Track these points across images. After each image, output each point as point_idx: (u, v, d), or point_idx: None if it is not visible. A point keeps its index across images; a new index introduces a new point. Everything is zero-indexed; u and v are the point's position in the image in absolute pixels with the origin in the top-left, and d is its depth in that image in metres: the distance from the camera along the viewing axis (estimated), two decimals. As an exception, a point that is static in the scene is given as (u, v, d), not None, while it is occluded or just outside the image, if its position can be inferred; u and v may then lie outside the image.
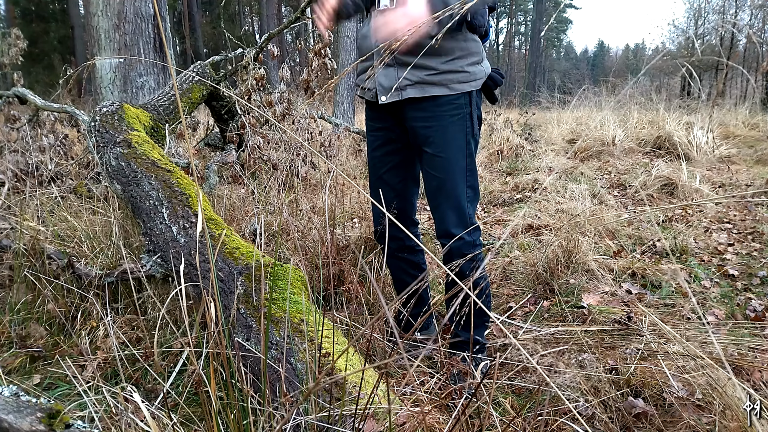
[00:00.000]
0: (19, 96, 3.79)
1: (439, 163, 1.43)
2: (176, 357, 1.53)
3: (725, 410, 1.15)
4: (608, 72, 26.55)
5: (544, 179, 4.30)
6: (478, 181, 1.50)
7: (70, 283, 1.73)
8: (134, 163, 1.87)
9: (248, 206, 2.61)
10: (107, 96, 3.35)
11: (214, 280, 0.88)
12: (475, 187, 1.49)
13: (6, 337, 1.63)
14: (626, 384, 1.40)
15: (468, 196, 1.46)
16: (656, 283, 2.27)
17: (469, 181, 1.46)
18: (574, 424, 1.01)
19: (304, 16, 3.13)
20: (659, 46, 24.17)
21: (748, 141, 6.63)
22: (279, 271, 1.42)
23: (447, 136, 1.41)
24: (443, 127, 1.41)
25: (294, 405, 0.89)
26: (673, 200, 3.84)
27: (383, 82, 1.41)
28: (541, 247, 2.49)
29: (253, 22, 30.38)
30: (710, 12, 19.68)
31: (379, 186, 1.59)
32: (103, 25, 3.30)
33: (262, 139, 3.01)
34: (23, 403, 0.67)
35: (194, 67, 2.98)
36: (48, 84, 11.65)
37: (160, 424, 0.95)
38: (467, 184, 1.46)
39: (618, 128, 6.24)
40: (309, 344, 1.14)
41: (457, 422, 0.83)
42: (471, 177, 1.46)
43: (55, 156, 3.47)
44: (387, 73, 1.39)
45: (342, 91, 7.84)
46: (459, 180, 1.44)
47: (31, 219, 2.08)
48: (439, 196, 1.46)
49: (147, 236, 1.69)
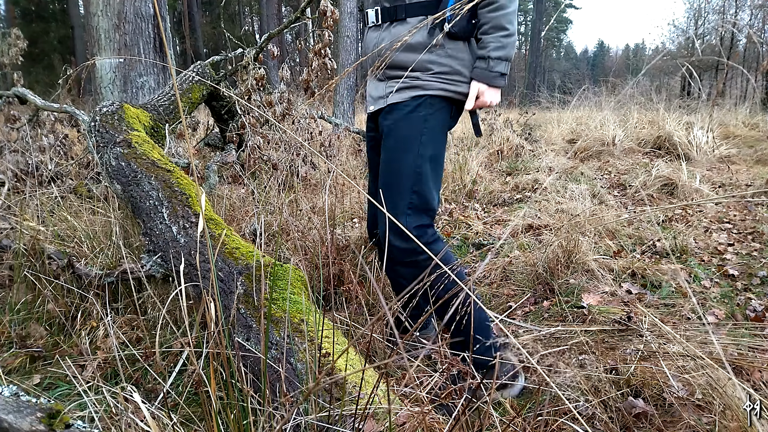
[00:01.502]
0: (19, 96, 3.79)
1: (384, 158, 1.45)
2: (176, 357, 1.53)
3: (725, 410, 1.15)
4: (608, 72, 26.57)
5: (544, 179, 4.30)
6: (429, 190, 1.42)
7: (70, 283, 1.73)
8: (134, 163, 1.87)
9: (248, 206, 2.61)
10: (107, 96, 3.35)
11: (214, 280, 0.88)
12: (422, 194, 1.41)
13: (6, 337, 1.63)
14: (626, 384, 1.40)
15: (411, 202, 1.40)
16: (656, 283, 2.27)
17: (415, 186, 1.40)
18: (574, 424, 1.01)
19: (304, 16, 3.13)
20: (659, 46, 24.18)
21: (748, 141, 6.63)
22: (279, 271, 1.42)
23: (399, 132, 1.42)
24: (396, 121, 1.43)
25: (294, 405, 0.89)
26: (673, 200, 3.84)
27: (372, 93, 1.53)
28: (541, 247, 2.49)
29: (253, 22, 30.39)
30: (710, 12, 19.69)
31: (372, 186, 1.64)
32: (103, 25, 3.30)
33: (262, 139, 3.01)
34: (23, 403, 0.67)
35: (194, 67, 2.98)
36: (48, 84, 11.66)
37: (160, 424, 0.95)
38: (413, 189, 1.40)
39: (618, 128, 6.24)
40: (309, 344, 1.14)
41: (457, 422, 0.83)
42: (418, 182, 1.41)
43: (55, 156, 3.47)
44: (377, 86, 1.51)
45: (342, 91, 7.84)
46: (402, 180, 1.41)
47: (31, 219, 2.08)
48: (383, 192, 1.43)
49: (147, 236, 1.69)
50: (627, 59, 45.41)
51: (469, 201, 3.97)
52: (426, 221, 1.44)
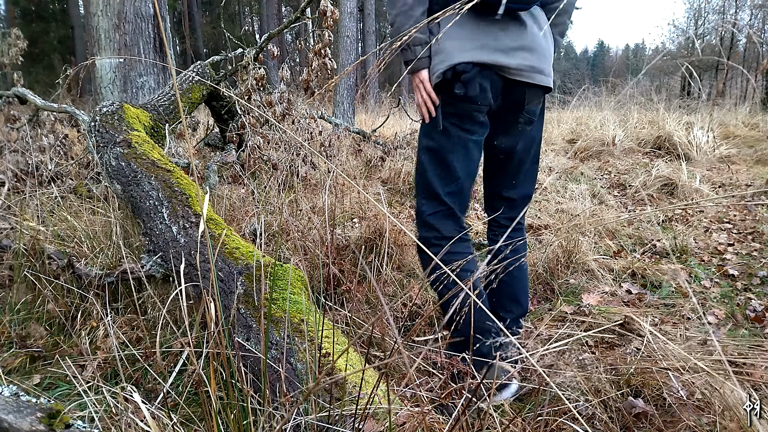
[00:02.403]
0: (19, 96, 3.79)
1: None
2: (176, 357, 1.53)
3: (725, 410, 1.15)
4: (608, 72, 26.54)
5: (544, 179, 4.30)
6: (429, 182, 1.42)
7: (70, 283, 1.73)
8: (134, 163, 1.87)
9: (248, 206, 2.61)
10: (107, 96, 3.35)
11: (214, 280, 0.88)
12: (425, 186, 1.42)
13: (6, 337, 1.63)
14: (626, 384, 1.40)
15: (422, 193, 1.45)
16: (656, 283, 2.27)
17: (420, 180, 1.45)
18: (574, 424, 1.01)
19: (304, 16, 3.13)
20: (659, 46, 24.17)
21: (748, 141, 6.62)
22: (279, 271, 1.42)
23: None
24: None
25: (294, 405, 0.89)
26: (673, 200, 3.84)
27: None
28: (541, 247, 2.49)
29: (253, 22, 30.38)
30: (710, 12, 19.68)
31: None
32: (103, 25, 3.30)
33: (262, 139, 3.01)
34: (23, 403, 0.67)
35: (194, 67, 2.98)
36: (48, 84, 11.66)
37: (160, 424, 0.95)
38: (420, 182, 1.45)
39: (618, 128, 6.23)
40: (309, 344, 1.14)
41: (457, 422, 0.83)
42: (419, 176, 1.44)
43: (55, 156, 3.47)
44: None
45: (342, 91, 7.84)
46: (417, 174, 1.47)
47: (31, 219, 2.08)
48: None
49: (147, 236, 1.69)
50: (627, 59, 45.42)
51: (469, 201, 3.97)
52: None
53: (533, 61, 1.34)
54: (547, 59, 1.39)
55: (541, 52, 1.37)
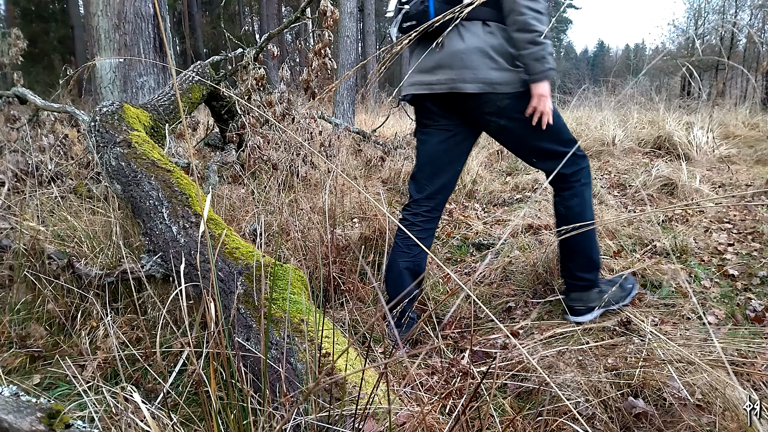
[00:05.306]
0: (19, 96, 3.79)
1: None
2: (176, 357, 1.53)
3: (725, 411, 1.15)
4: (608, 72, 26.55)
5: (544, 179, 4.29)
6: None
7: (70, 283, 1.73)
8: (134, 163, 1.87)
9: (248, 206, 2.61)
10: (107, 96, 3.35)
11: (214, 280, 0.88)
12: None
13: (6, 337, 1.62)
14: (626, 384, 1.40)
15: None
16: (656, 283, 2.27)
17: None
18: (574, 424, 1.01)
19: (304, 16, 3.13)
20: (659, 46, 24.16)
21: (748, 141, 6.62)
22: (279, 271, 1.42)
23: None
24: None
25: (294, 405, 0.89)
26: (673, 200, 3.84)
27: None
28: (541, 247, 2.49)
29: (253, 22, 30.37)
30: (710, 12, 19.67)
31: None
32: (103, 25, 3.30)
33: (262, 139, 3.01)
34: (23, 403, 0.67)
35: (194, 67, 2.98)
36: (48, 84, 11.64)
37: (160, 424, 0.95)
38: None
39: (618, 128, 6.23)
40: (309, 344, 1.14)
41: (457, 422, 0.83)
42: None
43: (55, 156, 3.47)
44: None
45: (342, 91, 7.84)
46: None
47: (31, 219, 2.08)
48: None
49: (147, 236, 1.69)
50: (627, 59, 45.38)
51: (469, 201, 3.97)
52: None
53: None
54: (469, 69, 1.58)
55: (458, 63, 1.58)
